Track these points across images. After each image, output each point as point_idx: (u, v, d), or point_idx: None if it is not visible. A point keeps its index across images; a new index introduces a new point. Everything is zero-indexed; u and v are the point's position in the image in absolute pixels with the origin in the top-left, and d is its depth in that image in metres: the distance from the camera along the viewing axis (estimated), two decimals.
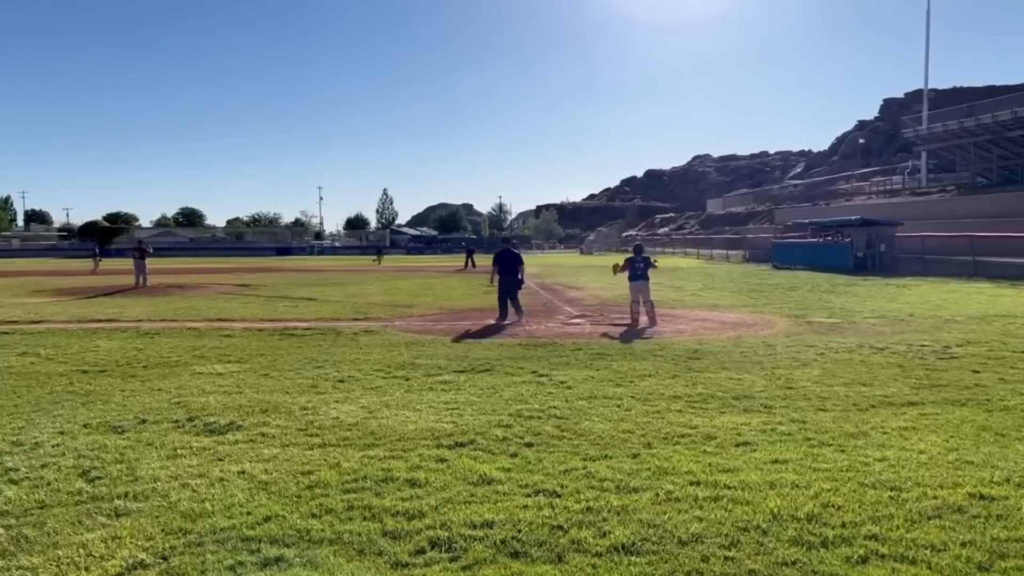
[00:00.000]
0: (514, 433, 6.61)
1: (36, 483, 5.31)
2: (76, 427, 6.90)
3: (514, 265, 16.33)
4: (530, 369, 9.80)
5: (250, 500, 4.96)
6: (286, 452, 6.09)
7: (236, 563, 4.00)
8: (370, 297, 22.42)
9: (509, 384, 8.84)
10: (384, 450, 6.13)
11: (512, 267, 16.30)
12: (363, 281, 31.30)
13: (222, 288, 27.03)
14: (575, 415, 7.30)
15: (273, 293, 24.55)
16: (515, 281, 16.25)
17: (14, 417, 7.30)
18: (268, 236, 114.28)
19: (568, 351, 11.39)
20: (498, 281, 16.36)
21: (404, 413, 7.41)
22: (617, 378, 9.19)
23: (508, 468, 5.63)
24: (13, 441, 6.41)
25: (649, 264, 15.58)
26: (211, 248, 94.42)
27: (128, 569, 3.94)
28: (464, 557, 4.09)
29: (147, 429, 6.84)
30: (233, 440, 6.46)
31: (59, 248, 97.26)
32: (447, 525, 4.51)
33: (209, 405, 7.77)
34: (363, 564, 3.99)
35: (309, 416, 7.31)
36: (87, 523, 4.59)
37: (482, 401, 7.94)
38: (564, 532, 4.42)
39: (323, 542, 4.27)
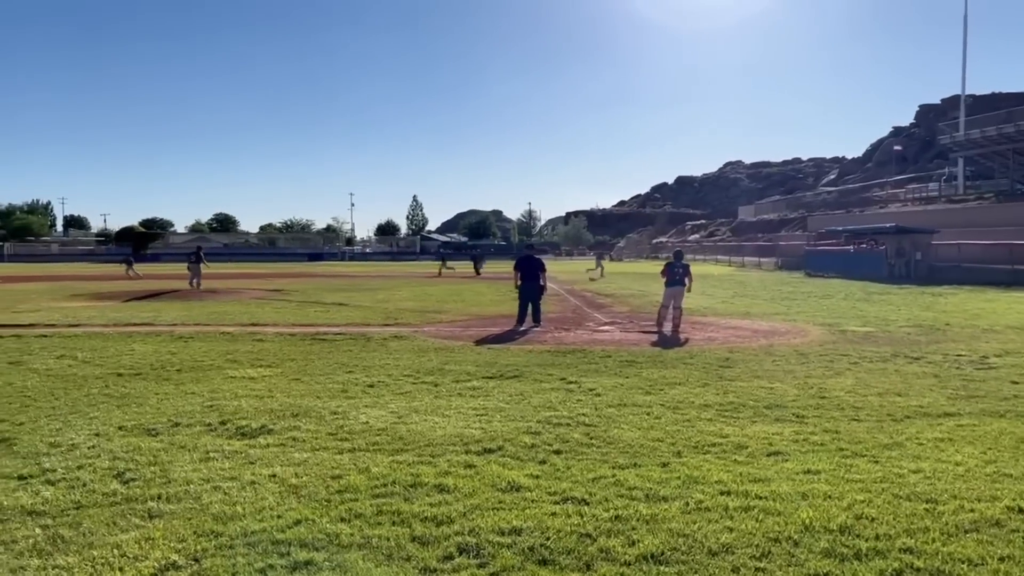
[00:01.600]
0: (543, 440, 6.60)
1: (72, 484, 5.40)
2: (111, 429, 7.02)
3: (536, 271, 16.37)
4: (559, 376, 9.79)
5: (280, 503, 5.01)
6: (316, 456, 6.14)
7: (266, 566, 4.03)
8: (400, 303, 22.55)
9: (538, 391, 8.84)
10: (413, 455, 6.15)
11: (535, 273, 16.34)
12: (393, 287, 31.49)
13: (255, 293, 27.35)
14: (604, 423, 7.27)
15: (305, 298, 24.78)
16: (537, 287, 16.30)
17: (52, 419, 7.44)
18: (300, 242, 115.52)
19: (597, 358, 11.36)
20: (520, 287, 16.42)
21: (433, 419, 7.43)
22: (647, 386, 9.14)
23: (536, 475, 5.62)
24: (51, 442, 6.53)
25: (688, 271, 15.55)
26: (244, 254, 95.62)
27: (161, 570, 3.99)
28: (492, 564, 4.09)
29: (180, 432, 6.94)
30: (264, 444, 6.53)
31: (96, 253, 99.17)
32: (475, 531, 4.51)
33: (241, 409, 7.86)
34: (391, 569, 4.01)
35: (339, 420, 7.36)
36: (121, 524, 4.66)
37: (511, 407, 7.94)
38: (592, 540, 4.40)
39: (352, 546, 4.29)
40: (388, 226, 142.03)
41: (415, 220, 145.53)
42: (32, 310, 19.87)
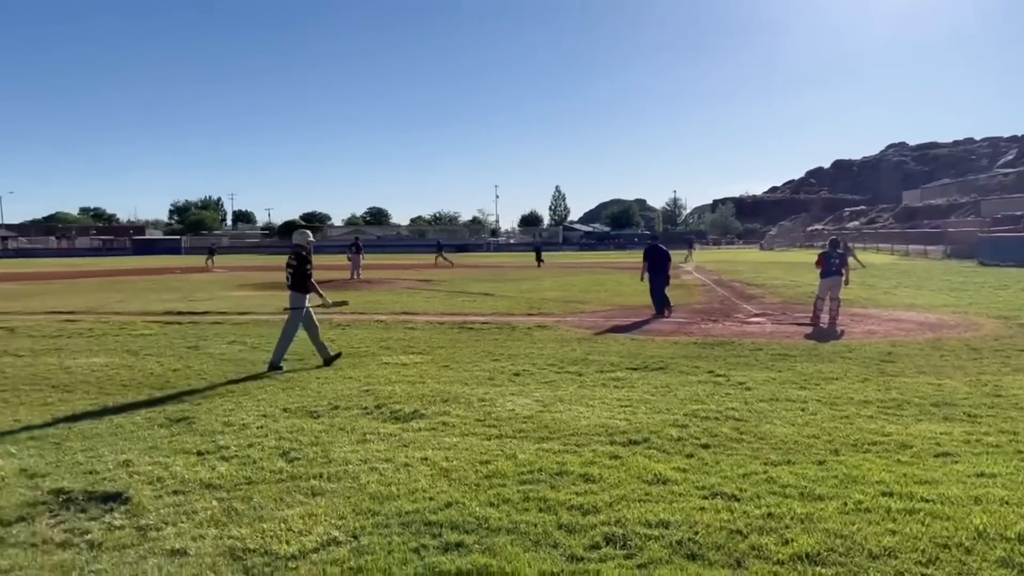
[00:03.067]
0: (690, 433, 6.48)
1: (244, 461, 5.82)
2: (277, 411, 7.50)
3: (663, 262, 16.50)
4: (706, 368, 9.56)
5: (432, 486, 5.19)
6: (465, 441, 6.31)
7: (420, 546, 4.19)
8: (543, 293, 22.73)
9: (684, 383, 8.67)
10: (558, 444, 6.20)
11: (661, 263, 16.46)
12: (536, 277, 31.79)
13: (406, 283, 28.38)
14: (755, 417, 7.05)
15: (452, 288, 25.47)
16: (664, 277, 16.43)
17: (225, 400, 8.04)
18: (448, 234, 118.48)
19: (747, 351, 11.01)
20: (648, 277, 16.52)
21: (577, 408, 7.45)
22: (801, 380, 8.77)
23: (684, 469, 5.53)
24: (224, 421, 7.06)
25: (846, 260, 14.76)
26: (396, 245, 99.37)
27: (323, 545, 4.23)
28: (639, 555, 4.06)
29: (339, 415, 7.32)
30: (417, 428, 6.77)
31: (262, 245, 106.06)
32: (622, 522, 4.50)
33: (395, 394, 8.19)
34: (539, 555, 4.06)
35: (486, 407, 7.52)
36: (287, 500, 4.97)
37: (656, 399, 7.84)
38: (743, 537, 4.29)
39: (500, 531, 4.39)
40: (531, 217, 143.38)
41: (557, 211, 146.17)
42: (206, 299, 21.52)
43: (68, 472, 5.55)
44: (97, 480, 5.36)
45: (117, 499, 4.98)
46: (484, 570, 3.88)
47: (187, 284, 29.53)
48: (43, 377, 9.40)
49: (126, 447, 6.20)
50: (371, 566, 3.94)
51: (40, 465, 5.73)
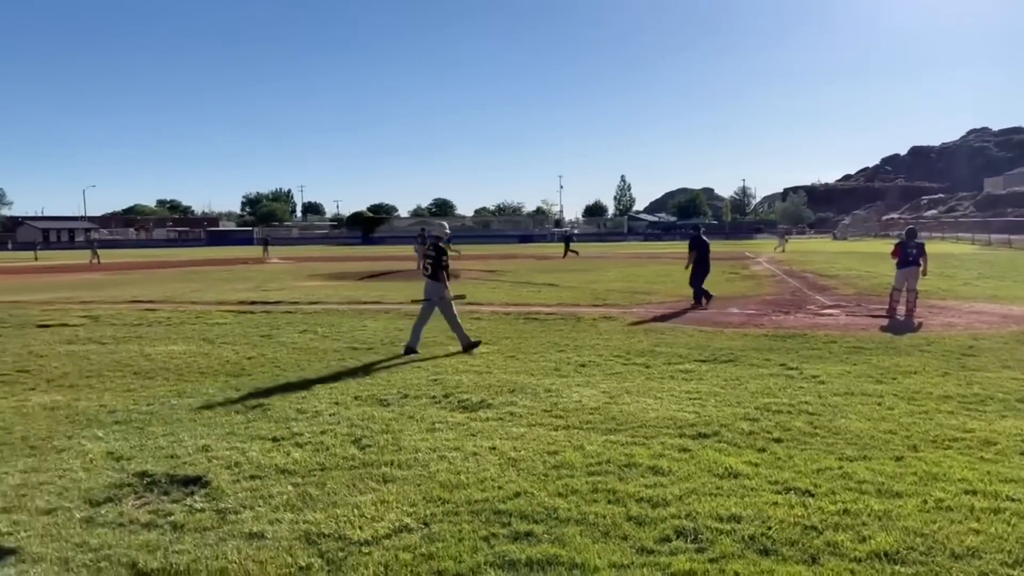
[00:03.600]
0: (761, 427, 6.37)
1: (317, 447, 5.95)
2: (349, 399, 7.64)
3: (706, 252, 16.63)
4: (778, 361, 9.37)
5: (501, 475, 5.22)
6: (532, 431, 6.32)
7: (490, 535, 4.23)
8: (608, 284, 22.60)
9: (755, 376, 8.52)
10: (626, 436, 6.17)
11: (705, 254, 16.61)
12: (601, 268, 31.61)
13: (471, 274, 28.54)
14: (829, 411, 6.88)
15: (517, 279, 25.52)
16: (706, 267, 16.55)
17: (298, 387, 8.23)
18: (512, 224, 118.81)
19: (820, 343, 10.74)
20: (692, 268, 16.60)
21: (645, 400, 7.39)
22: (877, 374, 8.52)
23: (755, 463, 5.43)
24: (298, 408, 7.23)
25: (923, 251, 14.27)
26: (460, 236, 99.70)
27: (395, 531, 4.30)
28: (711, 549, 4.01)
29: (408, 403, 7.42)
30: (484, 417, 6.82)
31: (330, 236, 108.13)
32: (692, 515, 4.45)
33: (462, 383, 8.25)
34: (608, 546, 4.05)
35: (553, 398, 7.52)
36: (360, 486, 5.07)
37: (726, 392, 7.72)
38: (818, 533, 4.19)
39: (569, 521, 4.39)
40: (595, 207, 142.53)
41: (622, 200, 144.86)
42: (278, 288, 22.04)
43: (151, 455, 5.77)
44: (178, 464, 5.55)
45: (197, 483, 5.16)
46: (554, 560, 3.89)
47: (259, 274, 30.31)
48: (125, 364, 9.78)
49: (205, 432, 6.41)
50: (442, 553, 3.99)
51: (125, 448, 5.97)
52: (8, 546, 4.16)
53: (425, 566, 3.87)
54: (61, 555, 4.06)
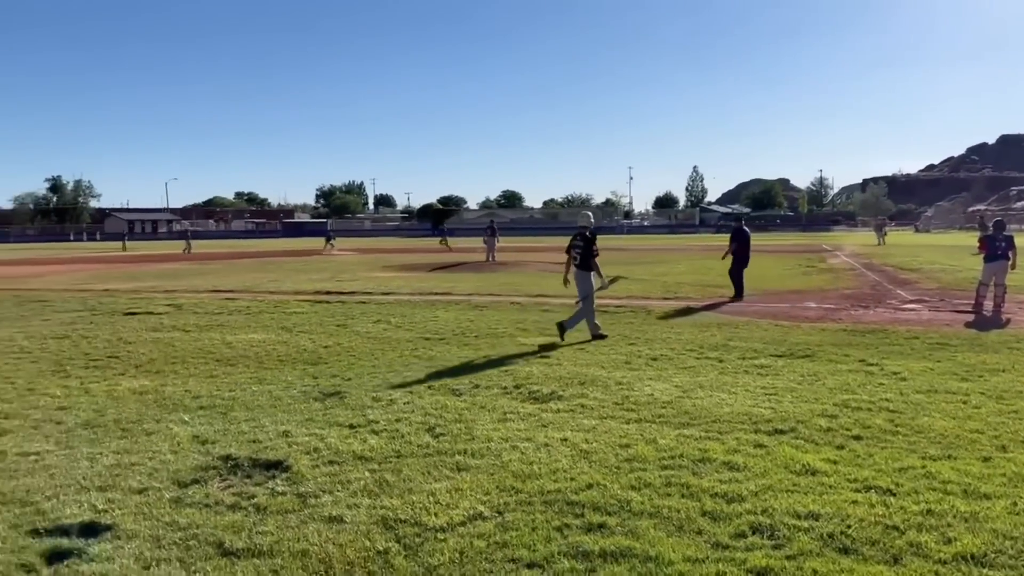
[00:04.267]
0: (840, 424, 6.22)
1: (392, 435, 6.07)
2: (422, 388, 7.77)
3: (748, 243, 16.69)
4: (857, 357, 9.12)
5: (573, 467, 5.23)
6: (604, 424, 6.32)
7: (563, 525, 4.25)
8: (679, 276, 22.33)
9: (833, 372, 8.31)
10: (700, 430, 6.10)
11: (747, 245, 16.64)
12: (671, 260, 31.26)
13: (539, 266, 28.57)
14: (911, 409, 6.67)
15: None
16: (747, 259, 16.62)
17: (373, 376, 8.40)
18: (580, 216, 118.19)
19: (902, 339, 10.41)
20: (732, 259, 16.56)
21: (719, 395, 7.30)
22: (963, 371, 8.22)
23: (834, 460, 5.31)
24: (373, 397, 7.39)
25: (1012, 244, 13.68)
26: (528, 228, 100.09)
27: (469, 519, 4.37)
28: (788, 546, 3.95)
29: (480, 393, 7.49)
30: (555, 409, 6.84)
31: (402, 228, 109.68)
32: (768, 512, 4.39)
33: (532, 375, 8.29)
34: (683, 540, 4.03)
35: (624, 391, 7.49)
36: (434, 474, 5.16)
37: (803, 388, 7.56)
38: (900, 533, 4.09)
39: (643, 515, 4.38)
40: (666, 199, 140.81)
41: (694, 192, 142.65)
42: (352, 279, 22.48)
43: (234, 440, 5.98)
44: (260, 448, 5.74)
45: (278, 467, 5.33)
46: (628, 552, 3.89)
47: (333, 265, 30.96)
48: (208, 351, 10.13)
49: (285, 418, 6.61)
50: (516, 542, 4.03)
51: (210, 432, 6.20)
52: (105, 522, 4.38)
53: (499, 554, 3.92)
54: (153, 533, 4.25)
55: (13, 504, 4.70)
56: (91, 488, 4.95)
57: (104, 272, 28.52)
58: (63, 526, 4.34)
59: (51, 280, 24.15)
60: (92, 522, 4.39)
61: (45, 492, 4.88)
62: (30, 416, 6.81)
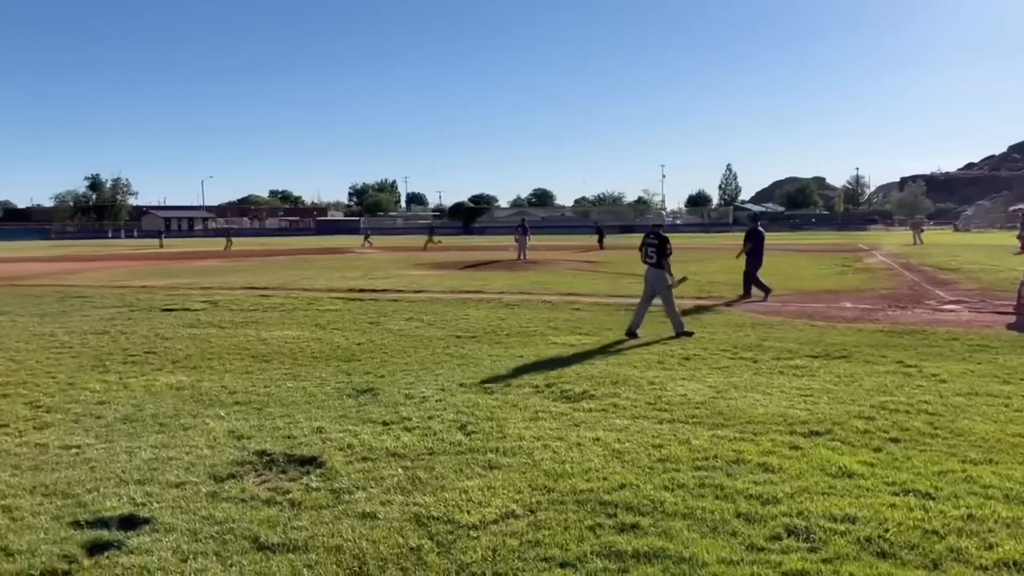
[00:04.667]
0: (877, 426, 6.12)
1: (425, 432, 6.10)
2: (454, 385, 7.79)
3: (762, 243, 16.65)
4: (894, 359, 8.97)
5: (605, 466, 5.21)
6: (636, 424, 6.29)
7: (595, 524, 4.23)
8: (712, 276, 22.12)
9: (870, 373, 8.19)
10: (734, 431, 6.05)
11: (761, 245, 16.62)
12: (704, 259, 30.98)
13: (570, 264, 28.56)
14: (951, 412, 6.55)
15: (617, 270, 25.33)
16: (760, 259, 16.52)
17: (406, 373, 8.44)
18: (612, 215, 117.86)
19: (941, 340, 10.23)
20: (746, 259, 16.49)
21: (753, 396, 7.23)
22: (1004, 374, 8.05)
23: (871, 463, 5.23)
24: (406, 394, 7.43)
25: None
26: (559, 227, 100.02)
27: (502, 517, 4.37)
28: (824, 549, 3.90)
29: (512, 391, 7.50)
30: (587, 408, 6.82)
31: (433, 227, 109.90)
32: (804, 514, 4.33)
33: (564, 374, 8.28)
34: (717, 542, 4.00)
35: (657, 391, 7.45)
36: (467, 471, 5.17)
37: (839, 389, 7.46)
38: (940, 538, 4.01)
39: (676, 515, 4.35)
40: (699, 197, 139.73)
41: (728, 190, 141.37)
42: (384, 277, 22.62)
43: (269, 435, 6.05)
44: (295, 444, 5.80)
45: (313, 463, 5.38)
46: (661, 553, 3.86)
47: (365, 263, 31.17)
48: (243, 347, 10.26)
49: (319, 415, 6.67)
50: (548, 540, 4.03)
51: (245, 428, 6.28)
52: (143, 515, 4.46)
53: (532, 552, 3.91)
54: (190, 526, 4.31)
55: (55, 496, 4.80)
56: (130, 481, 5.04)
57: (142, 269, 29.01)
58: (103, 518, 4.42)
59: (91, 276, 24.62)
60: (131, 515, 4.46)
61: (86, 485, 4.98)
62: (71, 410, 6.94)
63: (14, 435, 6.16)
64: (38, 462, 5.47)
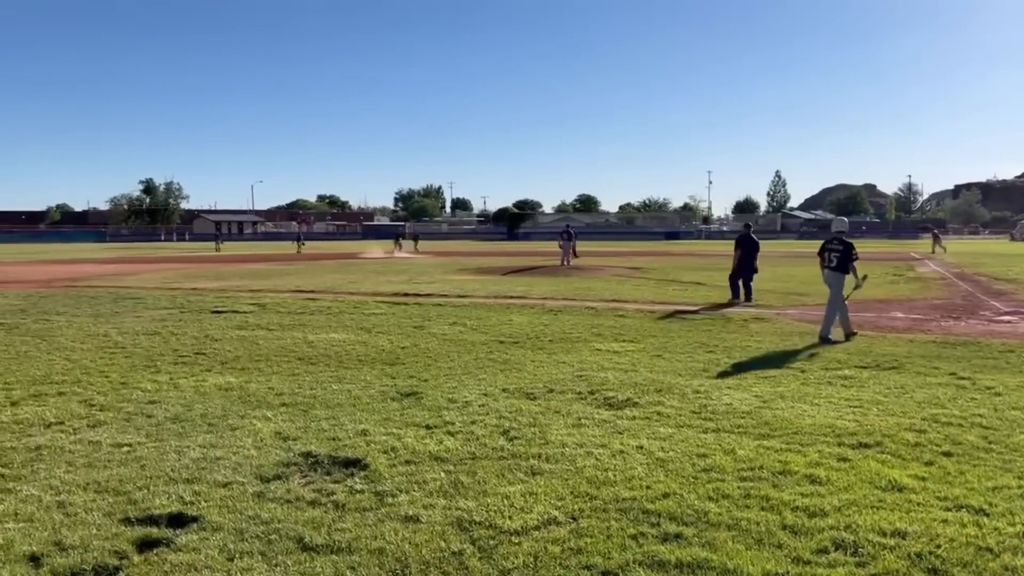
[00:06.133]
0: (929, 439, 5.97)
1: (468, 437, 6.12)
2: (497, 391, 7.80)
3: (753, 251, 17.06)
4: (947, 370, 8.75)
5: (648, 475, 5.17)
6: (681, 433, 6.22)
7: (638, 533, 4.20)
8: (759, 283, 21.77)
9: (922, 385, 8.00)
10: (780, 442, 5.95)
11: (751, 252, 17.01)
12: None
13: (615, 271, 28.39)
14: (1006, 426, 6.36)
15: (662, 276, 25.14)
16: (752, 265, 16.97)
17: (449, 378, 8.48)
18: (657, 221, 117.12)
19: (996, 352, 9.94)
20: (736, 265, 17.03)
21: (800, 406, 7.10)
22: None
23: (922, 477, 5.11)
24: (449, 399, 7.46)
25: None
26: (604, 233, 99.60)
27: (544, 524, 4.36)
28: (873, 564, 3.82)
29: (554, 398, 7.48)
30: (631, 416, 6.78)
31: (478, 232, 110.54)
32: (852, 528, 4.24)
33: (607, 381, 8.24)
34: (762, 554, 3.93)
35: (702, 400, 7.37)
36: (508, 477, 5.17)
37: (889, 401, 7.29)
38: (994, 556, 3.90)
39: (720, 526, 4.29)
40: (746, 203, 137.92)
41: (776, 197, 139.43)
42: (428, 281, 22.76)
43: (314, 437, 6.13)
44: (339, 446, 5.86)
45: (357, 465, 5.43)
46: (705, 564, 3.82)
47: (411, 267, 31.41)
48: (290, 350, 10.41)
49: (363, 417, 6.73)
50: (591, 548, 4.01)
51: (291, 429, 6.37)
52: (191, 514, 4.55)
53: (574, 560, 3.90)
54: (237, 526, 4.38)
55: (107, 493, 4.92)
56: (179, 480, 5.15)
57: (193, 271, 29.63)
58: (153, 515, 4.52)
59: (143, 278, 25.23)
60: (180, 513, 4.56)
61: (136, 482, 5.10)
62: (123, 409, 7.12)
63: (69, 432, 6.34)
64: (91, 459, 5.62)
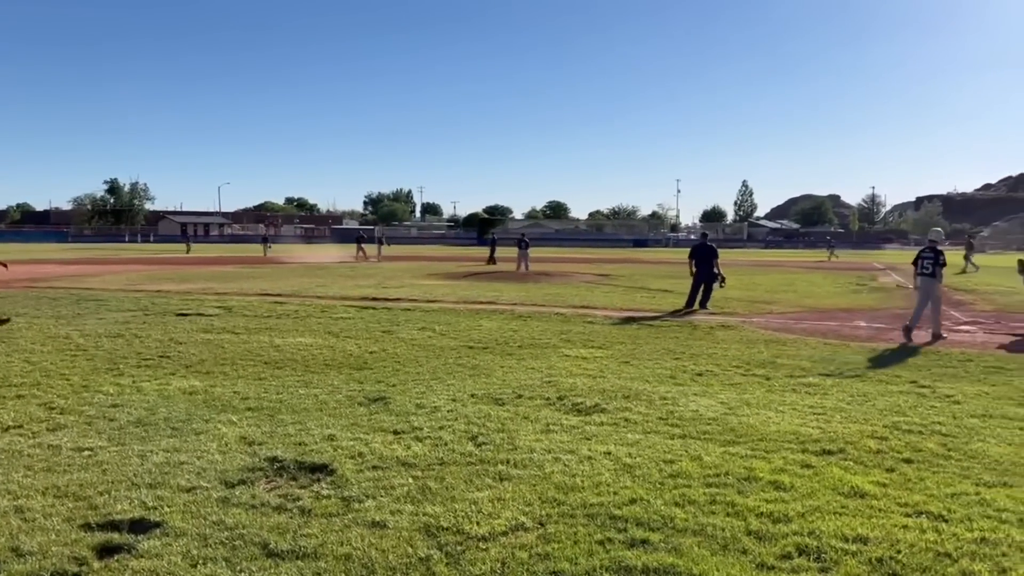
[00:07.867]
0: (890, 446, 6.08)
1: (436, 442, 6.10)
2: (465, 396, 7.79)
3: (709, 258, 17.40)
4: (908, 379, 8.91)
5: (616, 481, 5.20)
6: (648, 439, 6.26)
7: (605, 539, 4.22)
8: (725, 291, 22.00)
9: (884, 393, 8.14)
10: (746, 448, 6.02)
11: (708, 260, 17.37)
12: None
13: (584, 277, 28.51)
14: (964, 434, 6.50)
15: (631, 284, 25.29)
16: (710, 273, 17.31)
17: (417, 383, 8.45)
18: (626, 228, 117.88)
19: (955, 361, 10.15)
20: (694, 273, 17.44)
21: (765, 413, 7.19)
22: (1019, 396, 7.98)
23: (883, 483, 5.20)
24: (417, 404, 7.43)
25: None
26: (573, 239, 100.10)
27: (511, 529, 4.36)
28: (835, 570, 3.87)
29: (523, 403, 7.49)
30: (599, 422, 6.81)
31: (447, 237, 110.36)
32: (815, 533, 4.30)
33: (576, 386, 8.27)
34: (727, 560, 3.97)
35: (669, 406, 7.43)
36: (476, 482, 5.16)
37: (852, 408, 7.41)
38: (953, 561, 3.98)
39: (687, 532, 4.33)
40: (714, 212, 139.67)
41: (743, 206, 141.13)
42: (397, 286, 22.67)
43: (280, 442, 6.06)
44: (306, 451, 5.81)
45: (323, 470, 5.39)
46: (671, 569, 3.84)
47: (379, 272, 31.25)
48: (256, 353, 10.30)
49: (330, 422, 6.68)
50: (558, 554, 4.02)
51: (257, 434, 6.30)
52: (154, 519, 4.48)
53: (541, 566, 3.90)
54: (200, 532, 4.32)
55: (67, 498, 4.83)
56: (141, 485, 5.06)
57: (157, 273, 29.19)
58: (114, 521, 4.44)
59: (106, 279, 24.80)
60: (142, 518, 4.49)
61: (98, 487, 5.01)
62: (84, 412, 6.99)
63: (28, 436, 6.21)
64: (51, 463, 5.51)
